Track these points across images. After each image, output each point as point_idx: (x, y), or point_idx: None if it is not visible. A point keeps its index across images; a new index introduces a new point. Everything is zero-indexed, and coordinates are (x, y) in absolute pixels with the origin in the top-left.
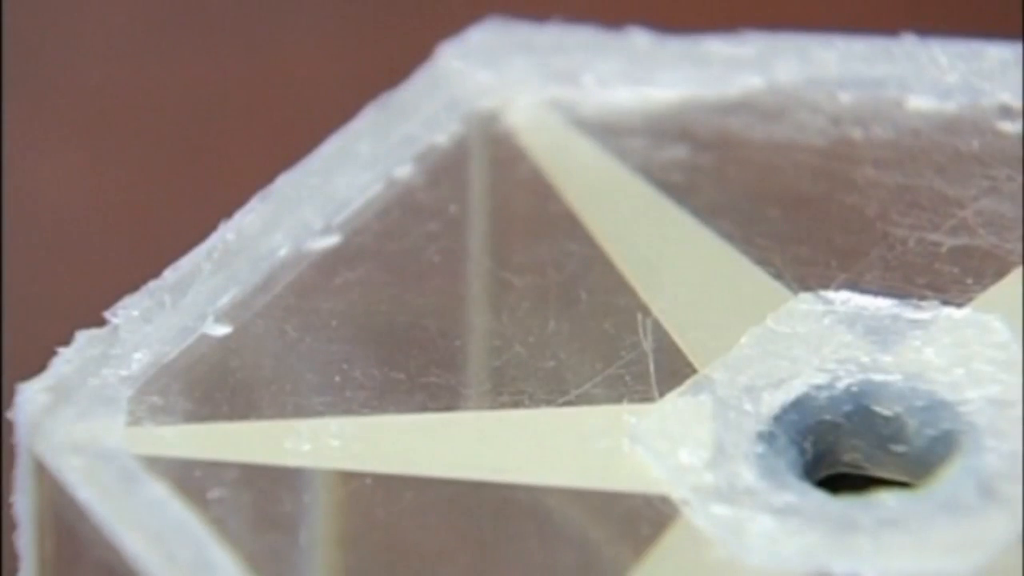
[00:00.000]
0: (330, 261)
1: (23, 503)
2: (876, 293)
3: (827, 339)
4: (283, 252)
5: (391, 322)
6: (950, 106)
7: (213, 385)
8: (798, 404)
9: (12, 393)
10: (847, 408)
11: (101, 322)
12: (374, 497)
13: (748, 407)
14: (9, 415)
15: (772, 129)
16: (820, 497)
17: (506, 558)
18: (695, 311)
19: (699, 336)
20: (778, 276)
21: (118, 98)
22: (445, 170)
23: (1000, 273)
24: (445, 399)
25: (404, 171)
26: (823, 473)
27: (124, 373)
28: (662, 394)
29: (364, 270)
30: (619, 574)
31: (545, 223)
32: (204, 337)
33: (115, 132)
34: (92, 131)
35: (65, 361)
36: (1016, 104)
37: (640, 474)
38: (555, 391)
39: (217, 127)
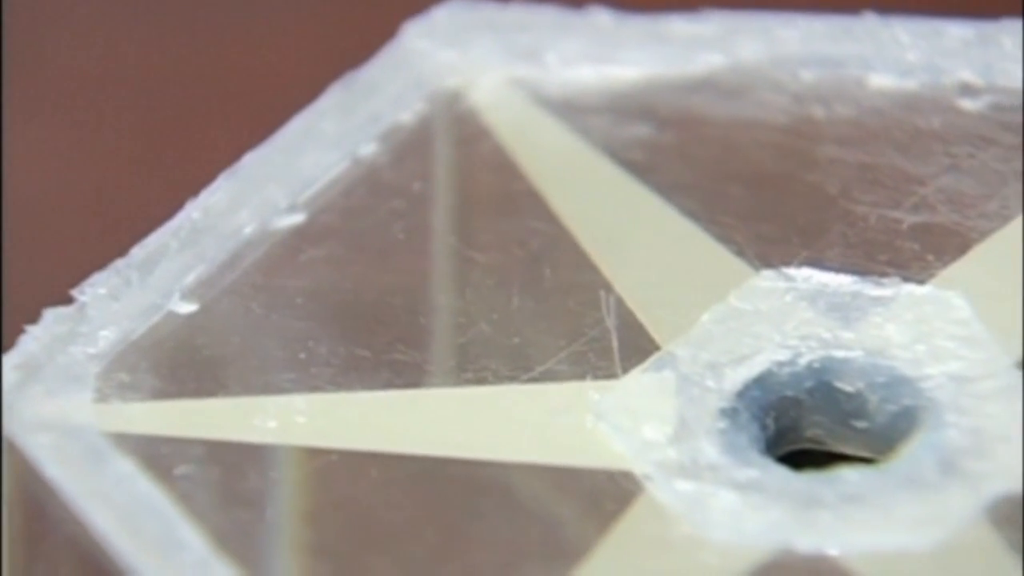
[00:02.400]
0: (295, 239)
1: None
2: (838, 270)
3: (789, 316)
4: (249, 230)
5: (356, 299)
6: (911, 84)
7: (180, 362)
8: (760, 380)
9: None
10: (809, 384)
11: (69, 300)
12: (340, 473)
13: (711, 383)
14: None
15: (734, 107)
16: (783, 473)
17: (471, 534)
18: (658, 288)
19: (662, 313)
20: (740, 253)
21: (87, 80)
22: (409, 148)
23: (961, 250)
24: (410, 376)
25: (369, 149)
26: (785, 449)
27: (91, 351)
28: (625, 371)
29: (329, 248)
30: (584, 549)
31: (509, 201)
32: (171, 315)
33: (83, 113)
34: (61, 112)
35: (33, 339)
36: (977, 82)
37: (604, 450)
38: (519, 368)
39: (184, 106)
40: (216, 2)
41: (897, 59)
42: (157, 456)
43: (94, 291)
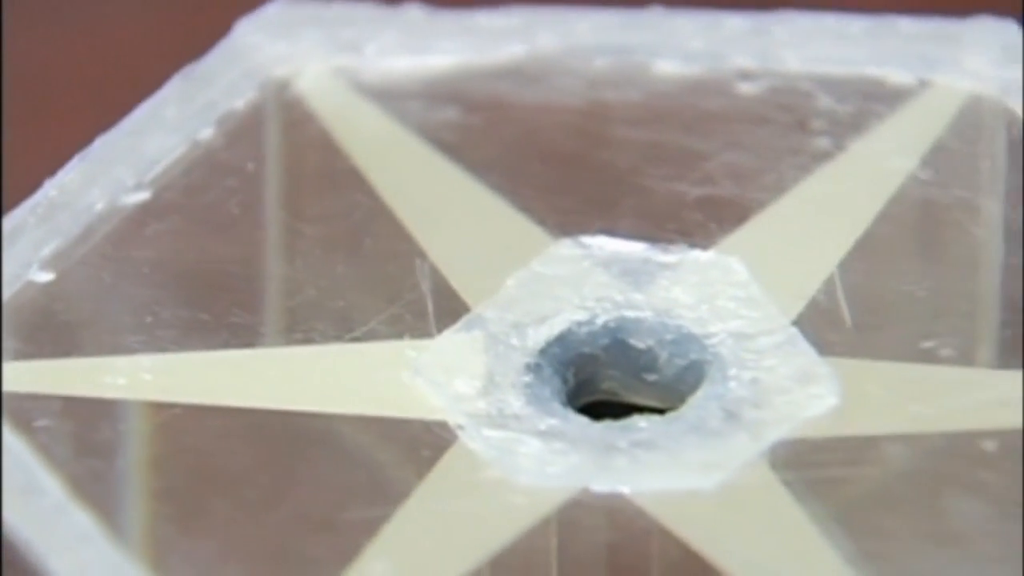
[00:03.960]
0: (142, 214)
1: None
2: (629, 238)
3: (586, 280)
4: (100, 206)
5: (197, 268)
6: (694, 69)
7: (38, 326)
8: (561, 338)
9: None
10: (605, 342)
11: None
12: (183, 425)
13: (516, 342)
14: None
15: (535, 92)
16: (582, 422)
17: (302, 478)
18: (467, 256)
19: (471, 278)
20: (541, 224)
21: None
22: (243, 132)
23: (741, 219)
24: (245, 337)
25: (207, 133)
26: (584, 400)
27: None
28: (439, 331)
29: (172, 222)
30: (404, 492)
31: (333, 178)
32: (30, 283)
33: None
34: None
35: None
36: (754, 67)
37: (420, 403)
38: (343, 329)
39: (40, 95)
40: (70, 3)
41: (681, 47)
42: (18, 411)
43: None
